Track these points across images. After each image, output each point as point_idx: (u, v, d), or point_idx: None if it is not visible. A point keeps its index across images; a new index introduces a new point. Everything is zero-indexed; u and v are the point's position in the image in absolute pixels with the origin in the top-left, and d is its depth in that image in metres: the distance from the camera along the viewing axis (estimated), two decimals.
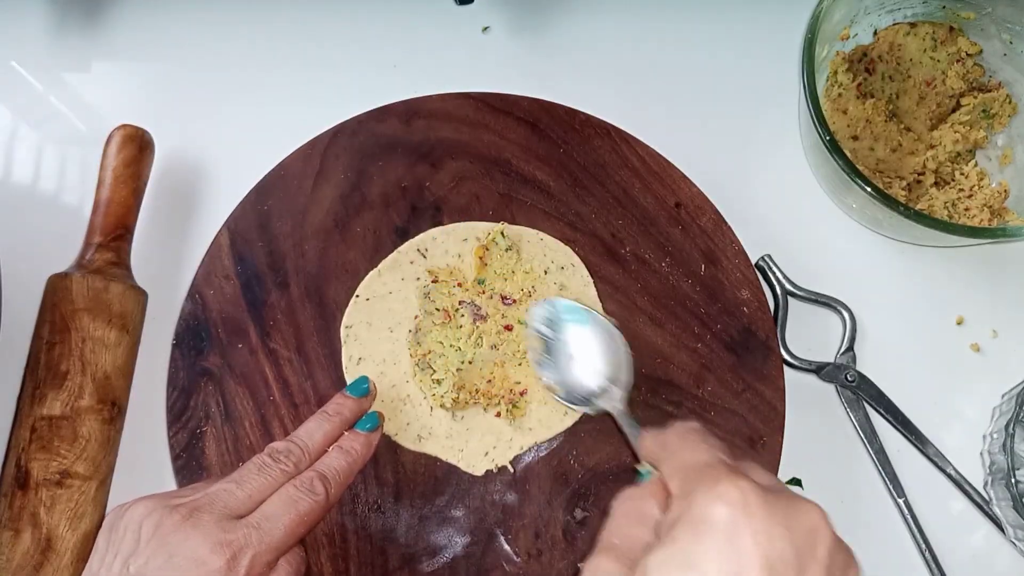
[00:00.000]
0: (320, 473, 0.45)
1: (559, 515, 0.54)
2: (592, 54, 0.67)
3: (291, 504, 0.42)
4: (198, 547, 0.39)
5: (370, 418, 0.50)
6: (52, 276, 0.55)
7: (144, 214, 0.59)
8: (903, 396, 0.59)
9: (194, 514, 0.41)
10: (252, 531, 0.41)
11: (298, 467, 0.45)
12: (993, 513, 0.57)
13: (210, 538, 0.40)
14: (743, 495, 0.32)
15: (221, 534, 0.40)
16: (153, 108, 0.63)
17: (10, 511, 0.51)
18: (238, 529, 0.40)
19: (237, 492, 0.43)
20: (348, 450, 0.47)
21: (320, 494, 0.43)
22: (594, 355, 0.54)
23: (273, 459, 0.45)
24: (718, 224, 0.59)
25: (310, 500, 0.43)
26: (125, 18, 0.66)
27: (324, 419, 0.48)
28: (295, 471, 0.45)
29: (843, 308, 0.60)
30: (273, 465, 0.44)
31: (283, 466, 0.44)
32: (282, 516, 0.42)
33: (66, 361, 0.53)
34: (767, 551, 0.30)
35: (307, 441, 0.47)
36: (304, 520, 0.42)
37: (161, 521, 0.40)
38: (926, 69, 0.64)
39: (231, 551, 0.39)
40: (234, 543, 0.40)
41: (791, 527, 0.31)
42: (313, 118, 0.60)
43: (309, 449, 0.46)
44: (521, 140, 0.61)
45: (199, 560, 0.39)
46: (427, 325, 0.57)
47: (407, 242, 0.58)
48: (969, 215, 0.61)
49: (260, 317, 0.57)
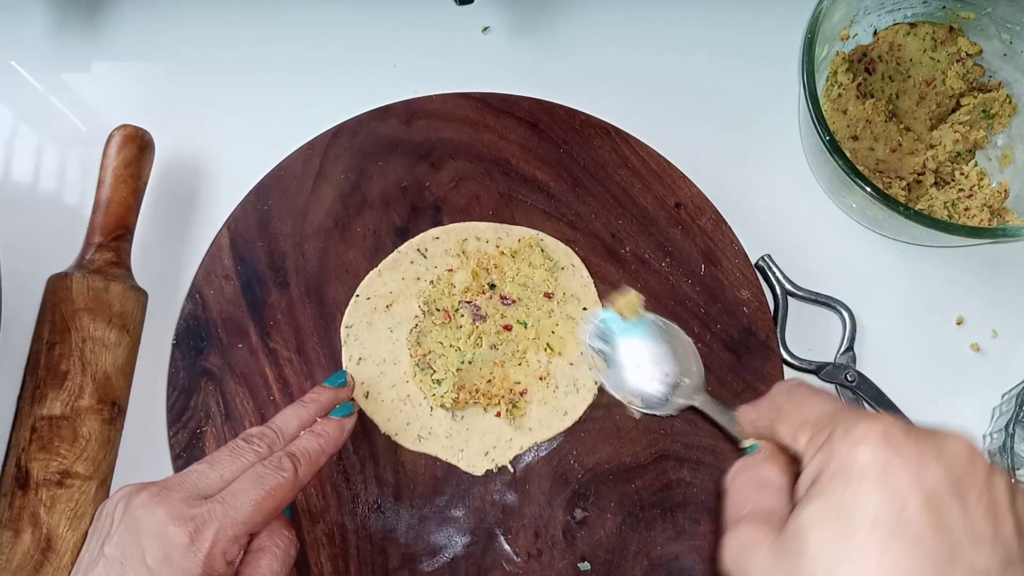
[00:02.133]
0: (289, 452, 0.45)
1: (559, 515, 0.54)
2: (592, 54, 0.67)
3: (257, 480, 0.42)
4: (161, 521, 0.39)
5: (344, 407, 0.50)
6: (52, 276, 0.55)
7: (144, 214, 0.59)
8: (903, 396, 0.59)
9: (162, 492, 0.41)
10: (216, 506, 0.41)
11: (272, 449, 0.45)
12: None
13: (173, 513, 0.40)
14: (885, 432, 0.31)
15: (185, 509, 0.40)
16: (153, 108, 0.63)
17: (10, 511, 0.51)
18: (203, 505, 0.41)
19: (208, 472, 0.43)
20: (319, 432, 0.47)
21: (287, 470, 0.44)
22: (656, 357, 0.54)
23: (246, 441, 0.45)
24: (718, 224, 0.59)
25: (277, 476, 0.43)
26: (125, 18, 0.66)
27: (300, 406, 0.49)
28: (268, 453, 0.45)
29: (843, 308, 0.60)
30: (246, 447, 0.45)
31: (256, 447, 0.45)
32: (248, 491, 0.42)
33: (66, 361, 0.53)
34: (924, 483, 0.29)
35: (281, 426, 0.47)
36: (271, 495, 0.42)
37: (131, 500, 0.41)
38: (926, 69, 0.64)
39: (194, 524, 0.40)
40: (197, 517, 0.40)
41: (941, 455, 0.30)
42: (313, 118, 0.60)
43: (283, 432, 0.47)
44: (521, 140, 0.61)
45: (163, 535, 0.39)
46: (427, 325, 0.57)
47: (407, 242, 0.58)
48: (969, 215, 0.61)
49: (260, 317, 0.57)
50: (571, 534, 0.54)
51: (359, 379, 0.56)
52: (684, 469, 0.55)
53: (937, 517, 0.29)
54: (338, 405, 0.50)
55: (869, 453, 0.30)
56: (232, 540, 0.40)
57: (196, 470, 0.43)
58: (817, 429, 0.33)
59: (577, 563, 0.53)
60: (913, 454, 0.30)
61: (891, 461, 0.30)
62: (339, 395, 0.51)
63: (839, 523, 0.30)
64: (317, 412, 0.49)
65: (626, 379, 0.54)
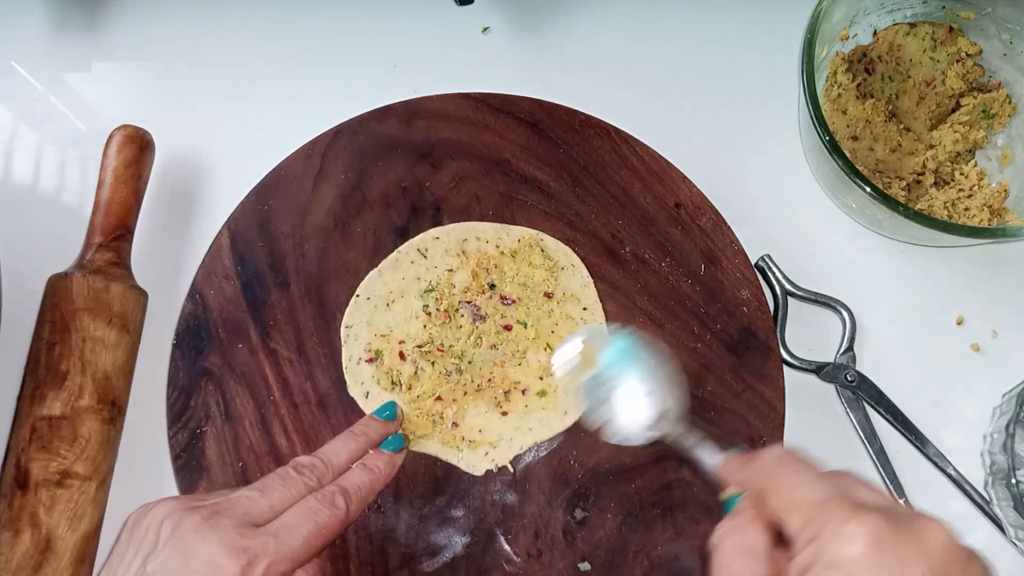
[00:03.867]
0: (342, 488, 0.45)
1: (559, 515, 0.54)
2: (592, 54, 0.67)
3: (311, 515, 0.42)
4: (214, 551, 0.39)
5: (395, 440, 0.50)
6: (52, 276, 0.55)
7: (144, 214, 0.59)
8: (903, 396, 0.59)
9: (213, 517, 0.40)
10: (270, 539, 0.41)
11: (321, 482, 0.45)
12: (993, 513, 0.57)
13: (227, 543, 0.39)
14: (874, 531, 0.33)
15: (238, 539, 0.40)
16: (153, 108, 0.63)
17: (10, 511, 0.51)
18: (256, 536, 0.40)
19: (259, 500, 0.43)
20: (371, 468, 0.47)
21: (340, 508, 0.44)
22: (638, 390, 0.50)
23: (297, 472, 0.45)
24: (718, 224, 0.59)
25: (329, 513, 0.43)
26: (125, 18, 0.66)
27: (349, 438, 0.49)
28: (318, 485, 0.45)
29: (843, 308, 0.60)
30: (297, 478, 0.45)
31: (306, 479, 0.45)
32: (301, 527, 0.42)
33: (66, 361, 0.53)
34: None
35: (332, 457, 0.47)
36: (322, 532, 0.42)
37: (180, 521, 0.40)
38: (926, 69, 0.64)
39: (247, 557, 0.39)
40: (250, 550, 0.40)
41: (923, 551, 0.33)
42: (313, 118, 0.60)
43: (333, 465, 0.47)
44: (521, 140, 0.61)
45: (214, 564, 0.39)
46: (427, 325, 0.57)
47: (407, 242, 0.58)
48: (969, 215, 0.61)
49: (260, 317, 0.57)
50: (571, 534, 0.54)
51: (359, 379, 0.56)
52: (684, 469, 0.55)
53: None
54: (388, 437, 0.50)
55: (858, 552, 0.32)
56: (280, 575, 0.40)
57: (247, 496, 0.43)
58: (811, 517, 0.35)
59: (577, 563, 0.53)
60: (897, 551, 0.32)
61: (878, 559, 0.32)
62: (388, 429, 0.51)
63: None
64: (366, 446, 0.49)
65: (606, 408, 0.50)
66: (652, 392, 0.50)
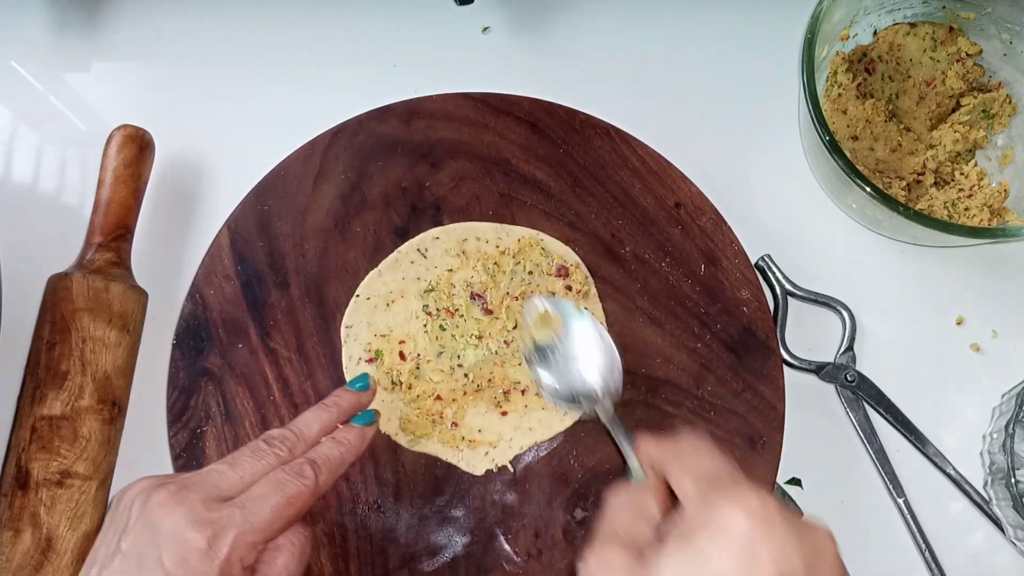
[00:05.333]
0: (310, 459, 0.45)
1: (559, 515, 0.54)
2: (592, 54, 0.67)
3: (278, 486, 0.42)
4: (179, 524, 0.39)
5: (366, 414, 0.50)
6: (52, 276, 0.55)
7: (144, 214, 0.59)
8: (903, 396, 0.59)
9: (180, 491, 0.40)
10: (236, 511, 0.40)
11: (292, 453, 0.45)
12: (993, 513, 0.57)
13: (192, 516, 0.39)
14: (765, 508, 0.33)
15: (204, 512, 0.40)
16: (153, 108, 0.63)
17: (10, 511, 0.51)
18: (223, 508, 0.40)
19: (229, 473, 0.43)
20: (341, 440, 0.47)
21: (309, 478, 0.43)
22: (592, 357, 0.53)
23: (267, 444, 0.45)
24: (718, 224, 0.59)
25: (297, 483, 0.43)
26: (125, 18, 0.66)
27: (321, 410, 0.49)
28: (289, 457, 0.45)
29: (843, 308, 0.60)
30: (267, 450, 0.44)
31: (277, 451, 0.45)
32: (269, 497, 0.42)
33: (66, 361, 0.53)
34: (780, 564, 0.32)
35: (303, 429, 0.47)
36: (291, 503, 0.42)
37: (149, 498, 0.40)
38: (926, 69, 0.64)
39: (212, 529, 0.39)
40: (216, 521, 0.40)
41: (804, 544, 0.33)
42: (313, 118, 0.60)
43: (304, 436, 0.46)
44: (521, 140, 0.61)
45: (181, 537, 0.39)
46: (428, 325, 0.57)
47: (407, 242, 0.58)
48: (969, 215, 0.61)
49: (260, 317, 0.57)
50: (571, 534, 0.54)
51: None
52: None
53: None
54: (360, 412, 0.50)
55: (744, 521, 0.33)
56: (250, 546, 0.40)
57: (216, 470, 0.43)
58: (710, 487, 0.36)
59: (577, 562, 0.53)
60: (781, 535, 0.33)
61: (760, 534, 0.33)
62: (361, 399, 0.51)
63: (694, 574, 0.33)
64: (339, 416, 0.49)
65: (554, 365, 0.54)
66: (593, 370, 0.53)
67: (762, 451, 0.56)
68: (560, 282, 0.58)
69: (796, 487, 0.58)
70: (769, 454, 0.56)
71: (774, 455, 0.56)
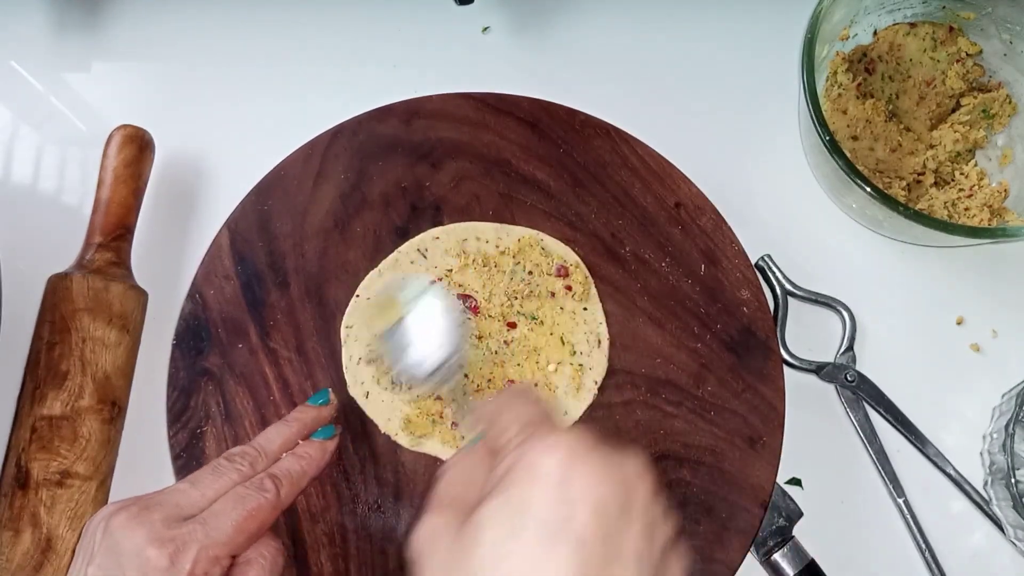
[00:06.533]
0: (271, 473, 0.45)
1: None
2: (592, 54, 0.67)
3: (239, 500, 0.42)
4: (140, 544, 0.39)
5: (327, 429, 0.50)
6: (52, 276, 0.55)
7: (144, 214, 0.59)
8: (903, 396, 0.59)
9: (142, 513, 0.41)
10: (198, 527, 0.41)
11: (254, 468, 0.45)
12: (993, 513, 0.57)
13: (153, 535, 0.40)
14: (572, 444, 0.33)
15: (165, 530, 0.40)
16: (153, 108, 0.63)
17: (10, 511, 0.51)
18: (184, 526, 0.40)
19: (190, 491, 0.43)
20: (302, 455, 0.47)
21: (269, 491, 0.44)
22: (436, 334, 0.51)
23: (229, 461, 0.45)
24: (718, 224, 0.59)
25: (258, 496, 0.43)
26: (125, 18, 0.66)
27: (283, 425, 0.49)
28: (251, 472, 0.45)
29: (843, 308, 0.60)
30: (228, 466, 0.45)
31: (239, 467, 0.45)
32: (230, 512, 0.42)
33: (66, 361, 0.53)
34: (596, 494, 0.32)
35: (264, 445, 0.47)
36: (252, 516, 0.42)
37: (110, 521, 0.41)
38: (926, 69, 0.64)
39: (174, 546, 0.39)
40: (177, 538, 0.40)
41: (617, 473, 0.33)
42: (313, 118, 0.60)
43: (266, 452, 0.47)
44: (521, 140, 0.61)
45: (142, 557, 0.39)
46: None
47: (407, 242, 0.58)
48: (969, 215, 0.61)
49: (260, 317, 0.57)
50: None
51: (359, 379, 0.56)
52: (684, 469, 0.55)
53: (601, 528, 0.32)
54: (321, 427, 0.50)
55: (554, 461, 0.33)
56: (213, 561, 0.40)
57: (177, 489, 0.43)
58: (524, 431, 0.36)
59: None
60: (592, 467, 0.33)
61: (571, 470, 0.33)
62: (321, 414, 0.51)
63: (512, 521, 0.32)
64: (300, 432, 0.49)
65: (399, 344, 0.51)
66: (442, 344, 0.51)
67: (762, 451, 0.56)
68: (560, 282, 0.58)
69: (796, 487, 0.58)
70: (769, 454, 0.56)
71: (774, 455, 0.56)
